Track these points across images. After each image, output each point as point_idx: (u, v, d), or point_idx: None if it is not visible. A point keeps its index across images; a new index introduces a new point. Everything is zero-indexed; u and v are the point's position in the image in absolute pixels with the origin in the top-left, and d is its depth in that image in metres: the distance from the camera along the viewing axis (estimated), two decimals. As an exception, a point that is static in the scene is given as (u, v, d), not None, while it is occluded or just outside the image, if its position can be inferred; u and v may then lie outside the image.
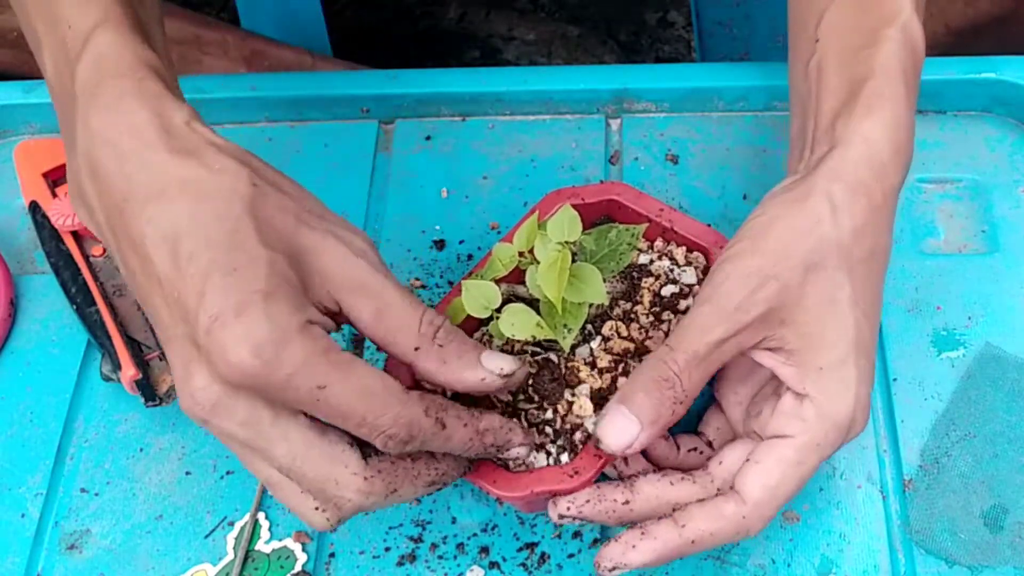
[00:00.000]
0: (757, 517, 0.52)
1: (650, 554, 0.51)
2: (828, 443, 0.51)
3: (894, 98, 0.55)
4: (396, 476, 0.50)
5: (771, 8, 0.97)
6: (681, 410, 0.52)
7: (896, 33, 0.56)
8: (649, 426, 0.51)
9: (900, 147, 0.54)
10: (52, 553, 0.62)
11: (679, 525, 0.52)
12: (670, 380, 0.51)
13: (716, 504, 0.52)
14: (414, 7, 1.38)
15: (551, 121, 0.78)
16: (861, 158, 0.53)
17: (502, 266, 0.56)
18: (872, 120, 0.54)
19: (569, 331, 0.54)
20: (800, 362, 0.51)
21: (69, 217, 0.69)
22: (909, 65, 0.56)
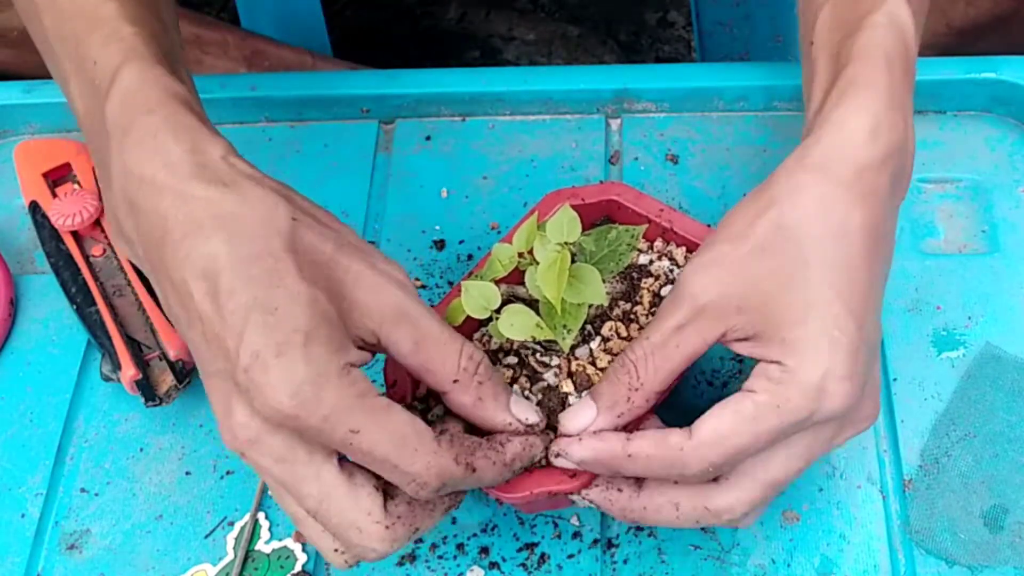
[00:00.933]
0: (696, 456, 0.50)
1: (589, 452, 0.51)
2: (790, 408, 0.49)
3: (871, 82, 0.53)
4: (416, 518, 0.50)
5: (771, 8, 0.97)
6: (638, 398, 0.51)
7: (880, 18, 0.55)
8: (605, 411, 0.52)
9: (879, 126, 0.52)
10: (52, 553, 0.62)
11: (625, 438, 0.51)
12: (626, 367, 0.51)
13: (666, 432, 0.51)
14: (414, 7, 1.37)
15: (551, 121, 0.78)
16: (829, 143, 0.52)
17: (501, 267, 0.56)
18: (844, 104, 0.53)
19: (568, 332, 0.54)
20: (767, 340, 0.50)
21: (69, 217, 0.69)
22: (893, 48, 0.55)
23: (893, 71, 0.54)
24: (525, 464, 0.52)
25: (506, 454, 0.51)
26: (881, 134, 0.52)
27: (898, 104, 0.54)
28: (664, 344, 0.51)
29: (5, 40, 0.92)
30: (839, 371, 0.49)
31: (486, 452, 0.51)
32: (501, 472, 0.51)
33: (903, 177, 0.55)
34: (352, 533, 0.49)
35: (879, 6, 0.56)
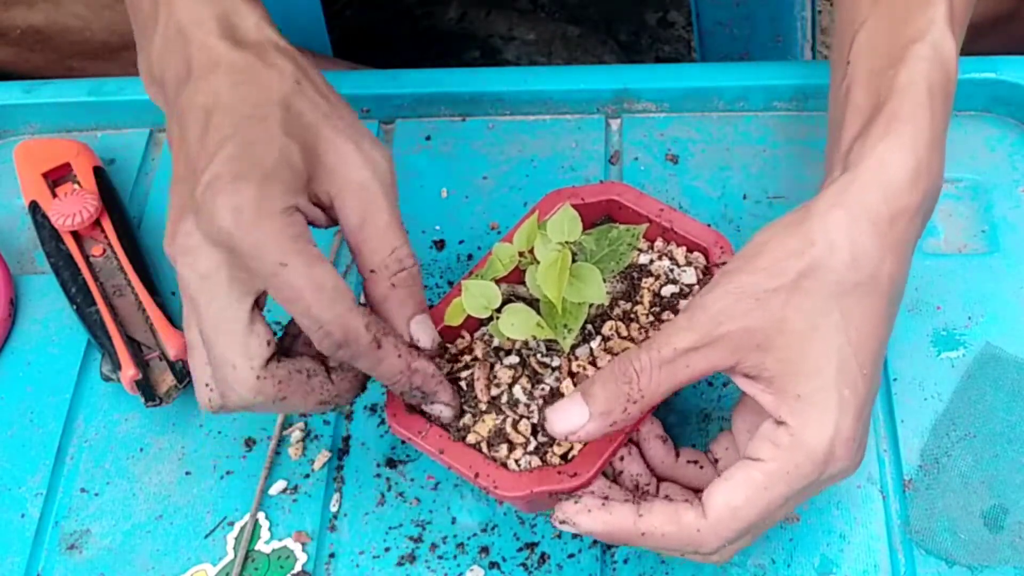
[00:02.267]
0: (713, 534, 0.50)
1: (600, 525, 0.51)
2: (800, 474, 0.49)
3: (914, 119, 0.53)
4: (289, 387, 0.52)
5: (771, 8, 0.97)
6: (634, 410, 0.50)
7: (924, 49, 0.54)
8: (598, 417, 0.50)
9: (920, 169, 0.52)
10: (52, 553, 0.62)
11: (637, 513, 0.51)
12: (628, 376, 0.50)
13: (678, 508, 0.51)
14: (414, 7, 1.37)
15: (551, 121, 0.78)
16: (870, 182, 0.51)
17: (502, 266, 0.56)
18: (888, 142, 0.52)
19: (569, 331, 0.54)
20: (778, 389, 0.50)
21: (69, 217, 0.69)
22: (937, 83, 0.54)
23: (935, 108, 0.53)
24: (425, 391, 0.53)
25: (415, 360, 0.53)
26: (921, 178, 0.52)
27: (937, 144, 0.53)
28: (673, 362, 0.50)
29: (6, 39, 0.92)
30: (845, 433, 0.49)
31: (398, 343, 0.52)
32: (402, 370, 0.52)
33: (928, 216, 0.54)
34: (227, 369, 0.51)
35: (924, 34, 0.55)
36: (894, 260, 0.51)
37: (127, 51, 0.92)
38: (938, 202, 0.55)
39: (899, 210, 0.51)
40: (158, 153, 0.79)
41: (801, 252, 0.50)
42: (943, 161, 0.54)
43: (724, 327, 0.49)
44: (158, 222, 0.75)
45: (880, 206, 0.51)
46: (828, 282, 0.49)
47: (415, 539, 0.61)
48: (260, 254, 0.49)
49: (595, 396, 0.51)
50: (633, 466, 0.56)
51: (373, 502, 0.62)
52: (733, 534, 0.50)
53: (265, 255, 0.49)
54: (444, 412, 0.55)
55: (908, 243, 0.52)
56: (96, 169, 0.73)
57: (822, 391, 0.49)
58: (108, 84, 0.79)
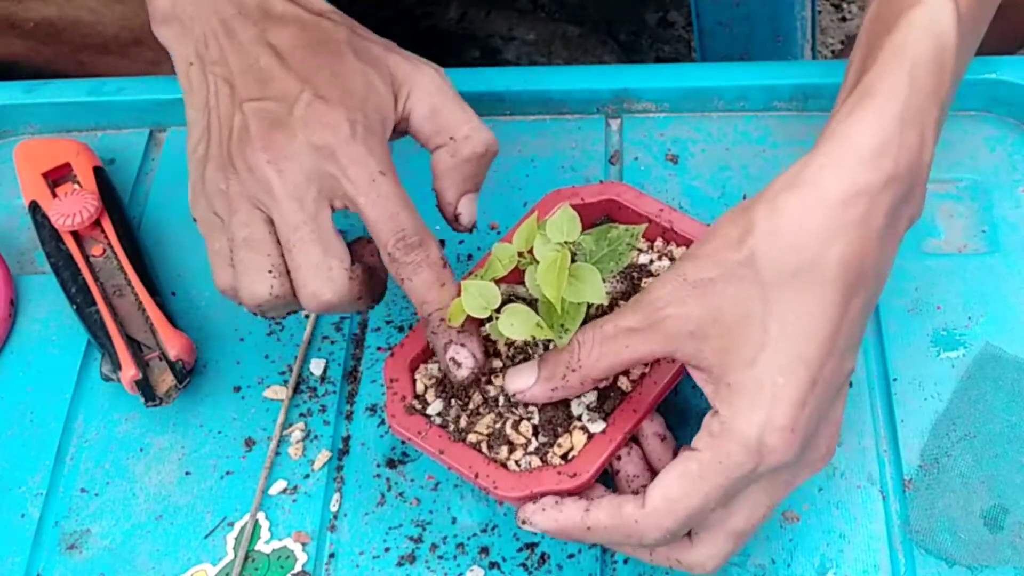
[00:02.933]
0: (651, 525, 0.50)
1: (551, 523, 0.53)
2: (732, 462, 0.48)
3: (887, 94, 0.50)
4: (363, 287, 0.57)
5: (771, 8, 0.97)
6: (574, 380, 0.52)
7: (919, 16, 0.52)
8: (543, 380, 0.53)
9: (885, 144, 0.49)
10: (52, 553, 0.62)
11: (584, 509, 0.52)
12: (571, 346, 0.52)
13: (620, 501, 0.51)
14: (414, 7, 1.37)
15: (551, 121, 0.78)
16: (828, 161, 0.49)
17: (502, 266, 0.56)
18: (853, 119, 0.50)
19: (567, 331, 0.54)
20: (715, 378, 0.49)
21: (69, 217, 0.69)
22: (924, 53, 0.51)
23: (916, 81, 0.51)
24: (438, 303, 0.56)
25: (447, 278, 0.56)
26: (887, 155, 0.49)
27: (914, 119, 0.50)
28: (613, 339, 0.51)
29: (19, 31, 0.92)
30: (778, 422, 0.48)
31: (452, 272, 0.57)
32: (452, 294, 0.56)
33: (911, 200, 0.51)
34: (321, 272, 0.55)
35: (920, 2, 0.53)
36: (849, 243, 0.48)
37: (138, 46, 0.93)
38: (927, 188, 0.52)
39: (858, 189, 0.48)
40: (158, 153, 0.79)
41: (741, 240, 0.49)
42: (928, 136, 0.51)
43: (662, 312, 0.50)
44: (158, 222, 0.75)
45: (833, 187, 0.48)
46: (765, 270, 0.48)
47: (415, 539, 0.61)
48: (364, 163, 0.55)
49: (545, 361, 0.54)
50: (629, 466, 0.56)
51: (373, 502, 0.62)
52: (673, 524, 0.50)
53: (367, 164, 0.55)
54: (467, 361, 0.55)
55: (871, 224, 0.49)
56: (96, 169, 0.73)
57: (752, 379, 0.48)
58: (108, 84, 0.79)
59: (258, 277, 0.56)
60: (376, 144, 0.56)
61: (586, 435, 0.54)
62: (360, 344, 0.68)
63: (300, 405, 0.66)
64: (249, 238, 0.56)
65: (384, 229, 0.56)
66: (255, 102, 0.57)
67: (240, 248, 0.56)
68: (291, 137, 0.56)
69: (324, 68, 0.58)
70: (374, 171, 0.56)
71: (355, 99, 0.57)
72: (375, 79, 0.58)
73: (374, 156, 0.56)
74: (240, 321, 0.69)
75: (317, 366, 0.67)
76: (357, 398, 0.66)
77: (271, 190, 0.55)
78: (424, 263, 0.56)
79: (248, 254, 0.56)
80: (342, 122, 0.56)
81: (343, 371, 0.67)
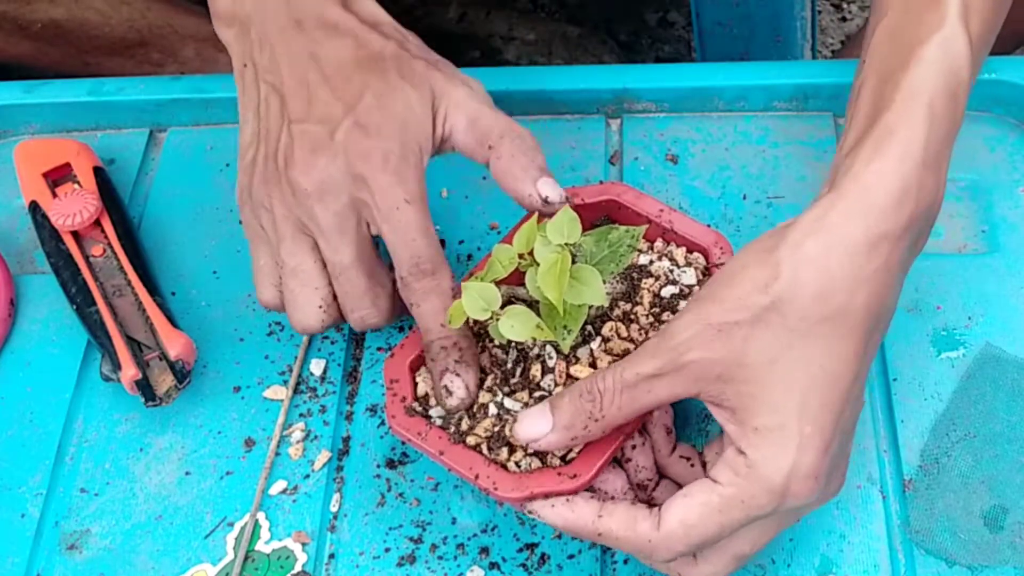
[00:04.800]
0: (664, 547, 0.51)
1: (560, 520, 0.53)
2: (755, 504, 0.49)
3: (908, 136, 0.50)
4: (399, 307, 0.61)
5: (771, 8, 0.97)
6: (595, 429, 0.51)
7: (931, 51, 0.52)
8: (560, 430, 0.52)
9: (908, 190, 0.49)
10: (52, 553, 0.62)
11: (598, 513, 0.52)
12: (592, 395, 0.51)
13: (636, 514, 0.52)
14: (414, 7, 1.37)
15: (551, 121, 0.78)
16: (851, 207, 0.49)
17: (502, 268, 0.56)
18: (875, 163, 0.50)
19: (569, 332, 0.54)
20: (739, 420, 0.49)
21: (69, 217, 0.69)
22: (941, 89, 0.51)
23: (934, 120, 0.51)
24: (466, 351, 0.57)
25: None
26: (908, 200, 0.49)
27: (933, 160, 0.51)
28: (635, 386, 0.50)
29: (27, 32, 0.92)
30: (803, 469, 0.49)
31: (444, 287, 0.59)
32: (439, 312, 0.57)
33: (924, 236, 0.52)
34: (367, 299, 0.60)
35: (933, 33, 0.52)
36: (872, 290, 0.49)
37: (144, 47, 0.93)
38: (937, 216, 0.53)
39: (880, 235, 0.49)
40: (158, 153, 0.79)
41: (766, 285, 0.49)
42: (942, 176, 0.52)
43: (686, 356, 0.49)
44: (158, 222, 0.75)
45: (859, 235, 0.49)
46: (792, 317, 0.48)
47: (415, 540, 0.61)
48: (391, 191, 0.58)
49: (560, 409, 0.52)
50: (640, 457, 0.56)
51: (373, 502, 0.62)
52: (685, 549, 0.51)
53: (394, 193, 0.58)
54: (459, 392, 0.56)
55: (891, 269, 0.50)
56: (96, 169, 0.73)
57: (781, 427, 0.49)
58: (108, 84, 0.79)
59: (310, 311, 0.60)
60: (408, 171, 0.59)
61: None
62: (360, 344, 0.68)
63: (300, 405, 0.66)
64: (298, 269, 0.60)
65: (401, 255, 0.58)
66: (300, 124, 0.59)
67: (290, 278, 0.60)
68: (331, 162, 0.58)
69: (368, 91, 0.59)
70: (399, 199, 0.58)
71: (394, 125, 0.59)
72: (415, 101, 0.60)
73: (403, 185, 0.58)
74: (240, 321, 0.69)
75: (317, 366, 0.67)
76: (357, 398, 0.66)
77: (316, 220, 0.58)
78: (434, 291, 0.58)
79: (299, 287, 0.60)
80: (376, 151, 0.58)
81: (343, 371, 0.67)
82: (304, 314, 0.60)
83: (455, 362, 0.56)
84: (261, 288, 0.62)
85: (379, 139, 0.59)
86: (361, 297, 0.60)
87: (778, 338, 0.49)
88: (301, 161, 0.59)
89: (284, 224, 0.60)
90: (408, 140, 0.59)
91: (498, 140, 0.61)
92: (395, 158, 0.58)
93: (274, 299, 0.62)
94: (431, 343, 0.57)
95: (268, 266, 0.62)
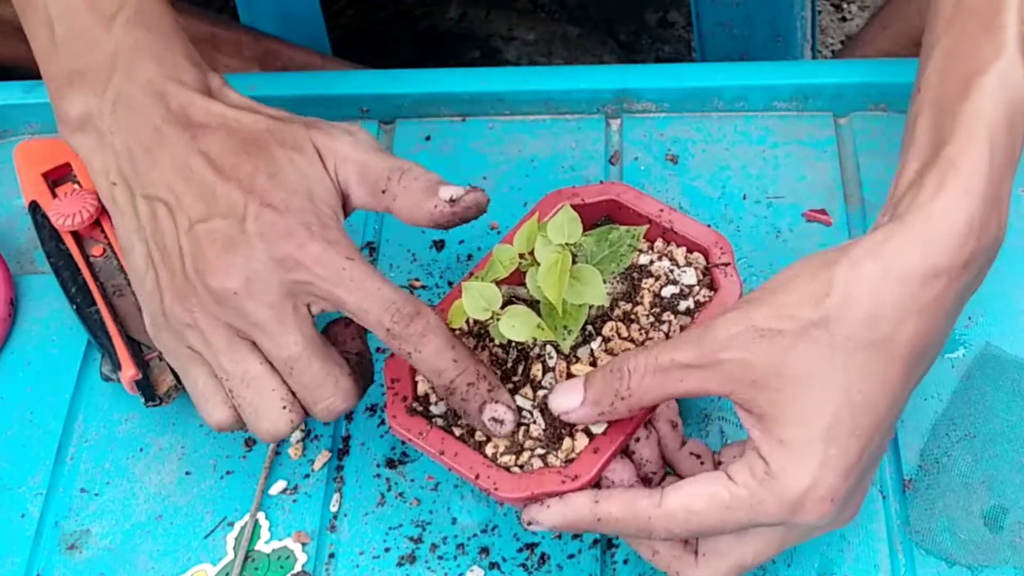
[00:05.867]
0: (662, 526, 0.51)
1: (558, 518, 0.52)
2: (764, 511, 0.49)
3: (970, 169, 0.50)
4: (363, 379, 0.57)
5: (771, 8, 0.97)
6: (622, 407, 0.51)
7: (990, 81, 0.51)
8: (590, 404, 0.52)
9: (972, 226, 0.49)
10: (52, 553, 0.62)
11: (593, 500, 0.52)
12: (622, 373, 0.51)
13: (633, 495, 0.51)
14: (414, 7, 1.37)
15: (551, 121, 0.78)
16: (913, 238, 0.49)
17: (503, 268, 0.56)
18: (940, 198, 0.49)
19: (569, 332, 0.54)
20: (765, 428, 0.49)
21: (69, 217, 0.69)
22: (1000, 121, 0.51)
23: (995, 152, 0.51)
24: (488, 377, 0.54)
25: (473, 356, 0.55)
26: (971, 236, 0.49)
27: (994, 195, 0.50)
28: (667, 371, 0.50)
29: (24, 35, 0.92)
30: (821, 491, 0.48)
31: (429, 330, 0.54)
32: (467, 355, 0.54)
33: (983, 273, 0.52)
34: (328, 385, 0.55)
35: (991, 64, 0.52)
36: (921, 323, 0.49)
37: None
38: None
39: (938, 270, 0.49)
40: (158, 153, 0.79)
41: (818, 300, 0.49)
42: (1004, 210, 0.51)
43: (724, 354, 0.49)
44: (158, 222, 0.75)
45: (916, 265, 0.48)
46: (838, 336, 0.48)
47: (415, 539, 0.61)
48: (328, 258, 0.53)
49: (592, 384, 0.52)
50: (646, 450, 0.56)
51: (373, 502, 0.62)
52: (682, 533, 0.51)
53: (333, 258, 0.53)
54: (508, 416, 0.54)
55: (945, 304, 0.49)
56: (96, 169, 0.73)
57: (806, 443, 0.48)
58: (108, 84, 0.79)
59: (276, 416, 0.56)
60: (334, 235, 0.55)
61: (588, 437, 0.54)
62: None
63: (300, 405, 0.66)
64: (246, 376, 0.55)
65: (372, 310, 0.54)
66: (204, 223, 0.55)
67: (241, 388, 0.55)
68: (250, 256, 0.54)
69: (260, 172, 0.56)
70: (341, 261, 0.54)
71: (300, 198, 0.55)
72: (306, 167, 0.57)
73: (336, 247, 0.54)
74: (240, 321, 0.69)
75: (317, 366, 0.67)
76: (357, 398, 0.66)
77: (250, 319, 0.54)
78: (428, 331, 0.54)
79: (254, 395, 0.55)
80: (296, 227, 0.54)
81: (343, 371, 0.67)
82: (270, 421, 0.56)
83: (488, 391, 0.54)
84: (209, 411, 0.57)
85: (292, 214, 0.54)
86: (321, 385, 0.55)
87: (820, 355, 0.48)
88: (217, 263, 0.54)
89: (215, 335, 0.55)
90: (320, 207, 0.56)
91: (388, 182, 0.58)
92: (317, 227, 0.54)
93: (228, 417, 0.57)
94: (453, 383, 0.54)
95: (209, 386, 0.57)
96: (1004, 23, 0.53)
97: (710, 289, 0.59)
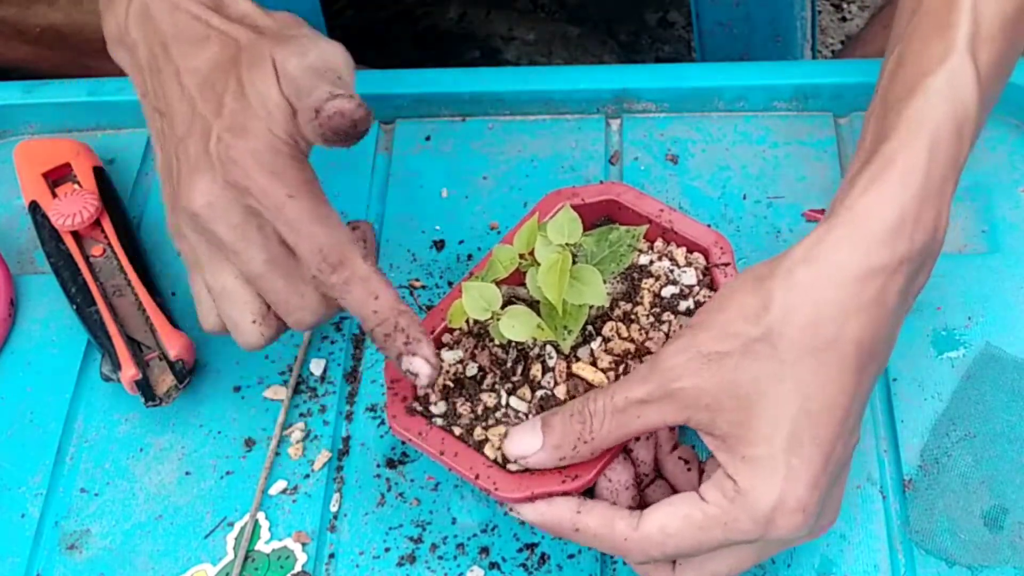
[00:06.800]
0: (638, 549, 0.51)
1: (538, 516, 0.53)
2: (737, 528, 0.49)
3: (907, 166, 0.49)
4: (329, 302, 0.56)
5: (771, 8, 0.97)
6: (584, 450, 0.51)
7: (937, 82, 0.51)
8: (550, 449, 0.52)
9: (904, 221, 0.49)
10: (52, 553, 0.62)
11: (576, 510, 0.52)
12: (583, 417, 0.51)
13: (613, 515, 0.52)
14: (414, 7, 1.37)
15: (551, 121, 0.78)
16: (845, 236, 0.49)
17: (503, 268, 0.56)
18: (871, 192, 0.49)
19: (569, 332, 0.54)
20: (728, 448, 0.49)
21: (69, 217, 0.69)
22: (943, 121, 0.50)
23: (936, 154, 0.50)
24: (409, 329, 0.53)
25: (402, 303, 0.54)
26: (903, 234, 0.49)
27: (934, 193, 0.50)
28: (624, 411, 0.50)
29: (25, 37, 0.92)
30: (791, 503, 0.48)
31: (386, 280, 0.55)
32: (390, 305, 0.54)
33: (922, 274, 0.51)
34: (295, 298, 0.55)
35: (940, 65, 0.52)
36: (864, 322, 0.48)
37: None
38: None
39: (874, 268, 0.48)
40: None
41: (757, 315, 0.48)
42: (944, 209, 0.51)
43: (676, 384, 0.49)
44: (158, 222, 0.75)
45: (850, 265, 0.48)
46: (782, 348, 0.48)
47: (415, 539, 0.61)
48: (271, 191, 0.53)
49: (552, 428, 0.52)
50: (642, 451, 0.56)
51: (373, 502, 0.62)
52: (659, 555, 0.51)
53: (275, 191, 0.53)
54: (423, 369, 0.53)
55: (886, 302, 0.49)
56: (96, 169, 0.73)
57: (769, 458, 0.48)
58: (108, 84, 0.79)
59: (246, 328, 0.57)
60: (284, 166, 0.54)
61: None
62: (360, 344, 0.68)
63: (300, 405, 0.66)
64: (223, 291, 0.57)
65: (303, 251, 0.54)
66: (183, 142, 0.56)
67: (220, 301, 0.57)
68: (213, 180, 0.54)
69: (227, 93, 0.55)
70: (282, 196, 0.53)
71: (258, 123, 0.55)
72: (264, 88, 0.55)
73: (281, 179, 0.54)
74: (240, 321, 0.69)
75: (317, 366, 0.67)
76: (357, 398, 0.66)
77: (218, 239, 0.55)
78: (350, 280, 0.54)
79: (230, 309, 0.57)
80: (244, 155, 0.54)
81: (343, 371, 0.67)
82: (242, 334, 0.57)
83: (404, 344, 0.53)
84: (201, 316, 0.59)
85: (246, 140, 0.54)
86: (288, 300, 0.56)
87: (768, 370, 0.48)
88: (186, 185, 0.55)
89: (200, 249, 0.57)
90: (276, 132, 0.55)
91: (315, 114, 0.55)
92: (268, 155, 0.54)
93: (216, 325, 0.59)
94: (371, 332, 0.54)
95: (202, 293, 0.59)
96: (955, 21, 0.53)
97: (710, 289, 0.59)
